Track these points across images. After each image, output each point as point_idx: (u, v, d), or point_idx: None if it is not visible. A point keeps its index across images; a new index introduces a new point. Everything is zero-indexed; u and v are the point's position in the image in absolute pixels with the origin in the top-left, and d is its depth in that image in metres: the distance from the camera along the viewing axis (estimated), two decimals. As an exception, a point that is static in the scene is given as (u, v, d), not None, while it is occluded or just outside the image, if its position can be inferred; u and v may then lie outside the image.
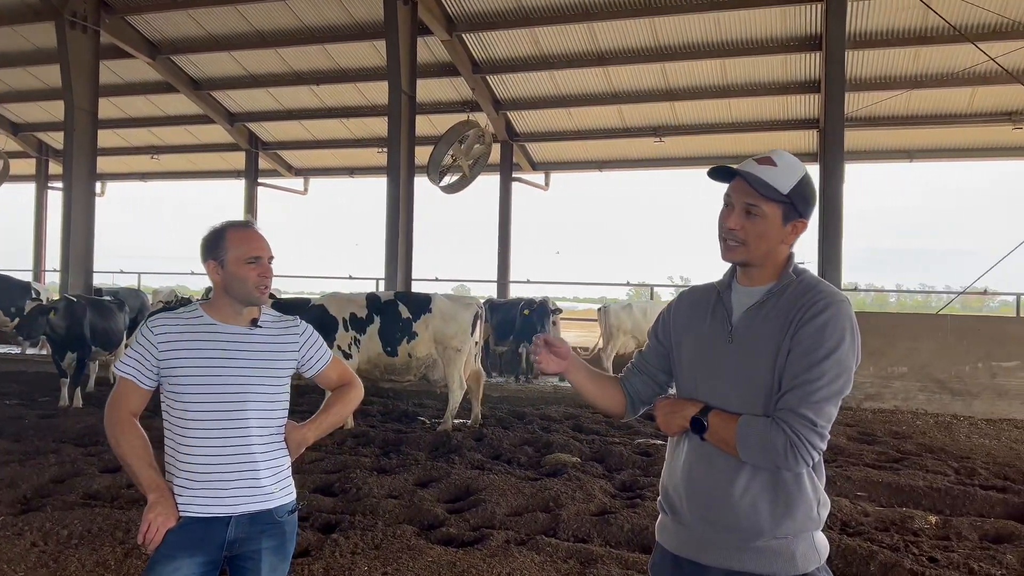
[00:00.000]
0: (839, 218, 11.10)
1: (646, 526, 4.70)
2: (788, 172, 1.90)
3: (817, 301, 1.84)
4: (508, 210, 17.87)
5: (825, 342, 1.79)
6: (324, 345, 2.61)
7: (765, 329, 1.88)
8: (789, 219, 1.92)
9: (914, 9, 11.64)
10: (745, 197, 1.90)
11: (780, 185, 1.89)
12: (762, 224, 1.90)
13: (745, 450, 1.82)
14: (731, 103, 15.11)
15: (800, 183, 1.91)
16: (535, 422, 8.41)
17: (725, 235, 1.95)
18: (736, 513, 1.87)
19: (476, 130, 13.81)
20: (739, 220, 1.92)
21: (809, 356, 1.79)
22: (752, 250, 1.93)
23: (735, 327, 1.93)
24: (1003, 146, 15.40)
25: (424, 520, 4.98)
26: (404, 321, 8.15)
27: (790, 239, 1.95)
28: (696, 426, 1.90)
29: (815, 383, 1.78)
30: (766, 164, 1.90)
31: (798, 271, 1.95)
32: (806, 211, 1.94)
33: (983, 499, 5.60)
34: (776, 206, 1.90)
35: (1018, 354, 9.66)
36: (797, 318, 1.84)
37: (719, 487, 1.90)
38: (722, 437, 1.85)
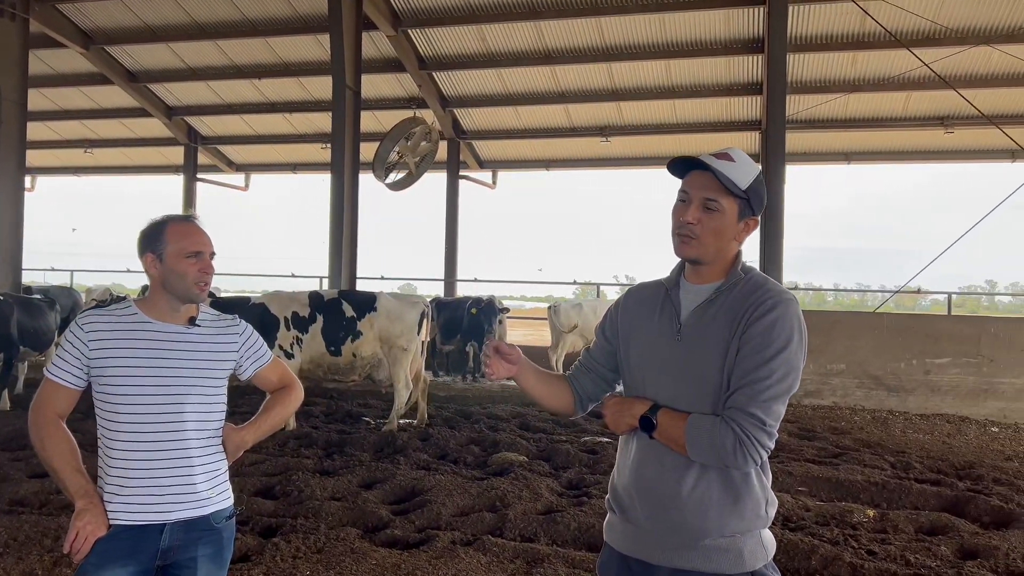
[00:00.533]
0: (780, 218, 11.34)
1: (593, 524, 4.70)
2: (746, 168, 1.90)
3: (765, 300, 1.83)
4: (455, 208, 17.78)
5: (774, 341, 1.79)
6: (264, 345, 2.52)
7: (713, 327, 1.87)
8: (743, 216, 1.91)
9: (852, 15, 11.93)
10: (704, 191, 1.89)
11: (740, 180, 1.88)
12: (719, 219, 1.89)
13: (694, 449, 1.81)
14: (676, 104, 15.29)
15: (756, 180, 1.91)
16: (482, 421, 8.36)
17: (680, 229, 1.92)
18: (684, 512, 1.86)
19: (423, 127, 13.69)
20: (697, 214, 1.90)
21: (758, 355, 1.79)
22: (706, 245, 1.91)
23: (683, 325, 1.92)
24: (936, 149, 15.90)
25: (368, 522, 4.90)
26: (348, 320, 8.02)
27: (742, 236, 1.94)
28: (645, 424, 1.88)
29: (764, 382, 1.77)
30: (724, 159, 1.89)
31: (746, 269, 1.94)
32: (759, 209, 1.94)
33: (918, 492, 5.75)
34: (734, 201, 1.89)
35: (949, 351, 9.98)
36: (746, 317, 1.83)
37: (668, 486, 1.88)
38: (671, 436, 1.84)
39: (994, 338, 9.86)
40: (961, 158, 16.40)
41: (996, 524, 5.13)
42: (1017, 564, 4.33)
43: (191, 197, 19.13)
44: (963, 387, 9.87)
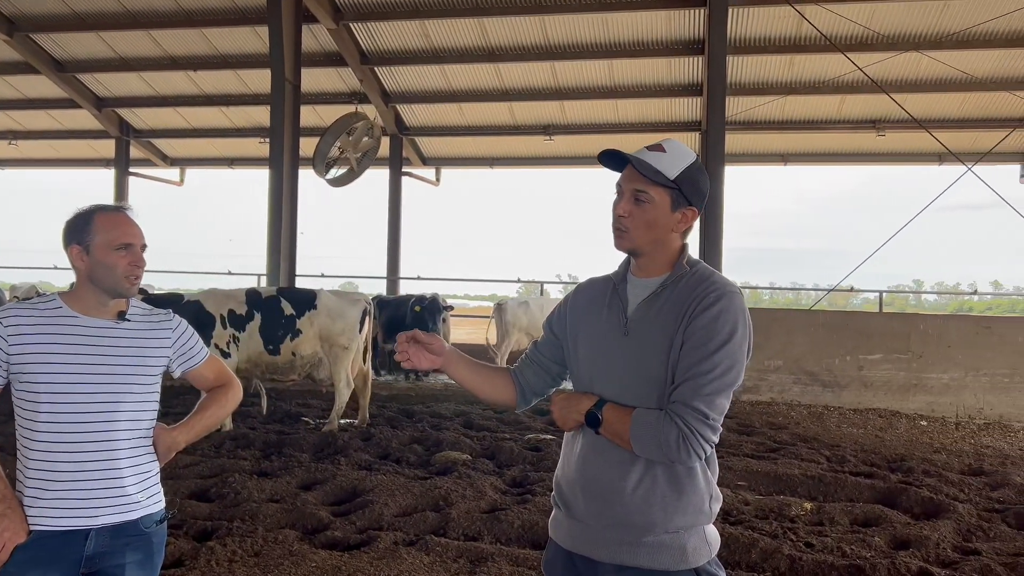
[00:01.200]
0: (720, 219, 11.51)
1: (537, 522, 4.68)
2: (676, 158, 1.89)
3: (709, 292, 1.83)
4: (398, 205, 17.62)
5: (717, 334, 1.78)
6: (200, 342, 2.43)
7: (659, 322, 1.86)
8: (678, 206, 1.90)
9: (789, 18, 12.19)
10: (633, 183, 1.89)
11: (667, 170, 1.87)
12: (650, 211, 1.88)
13: (638, 444, 1.79)
14: (618, 104, 15.42)
15: (688, 170, 1.89)
16: (425, 420, 8.29)
17: (615, 223, 1.93)
18: (628, 508, 1.85)
19: (365, 122, 13.50)
20: (628, 206, 1.90)
21: (701, 348, 1.78)
22: (639, 237, 1.90)
23: (630, 320, 1.91)
24: (868, 152, 16.39)
25: (308, 524, 4.80)
26: (287, 318, 7.84)
27: (680, 227, 1.93)
28: (590, 420, 1.86)
29: (707, 375, 1.76)
30: (656, 150, 1.89)
31: (692, 262, 1.93)
32: (695, 199, 1.92)
33: (853, 485, 5.88)
34: (664, 192, 1.88)
35: (881, 347, 10.27)
36: (690, 310, 1.82)
37: (612, 482, 1.87)
38: (616, 431, 1.82)
39: (923, 335, 10.19)
40: (892, 161, 16.95)
41: (926, 515, 5.28)
42: (947, 553, 4.46)
43: (123, 192, 18.52)
44: (894, 382, 10.18)
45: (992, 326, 10.30)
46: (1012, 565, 4.21)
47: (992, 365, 9.93)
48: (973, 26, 11.99)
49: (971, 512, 5.21)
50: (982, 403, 9.87)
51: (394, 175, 17.46)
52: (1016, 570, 4.16)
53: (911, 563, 4.17)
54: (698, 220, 1.98)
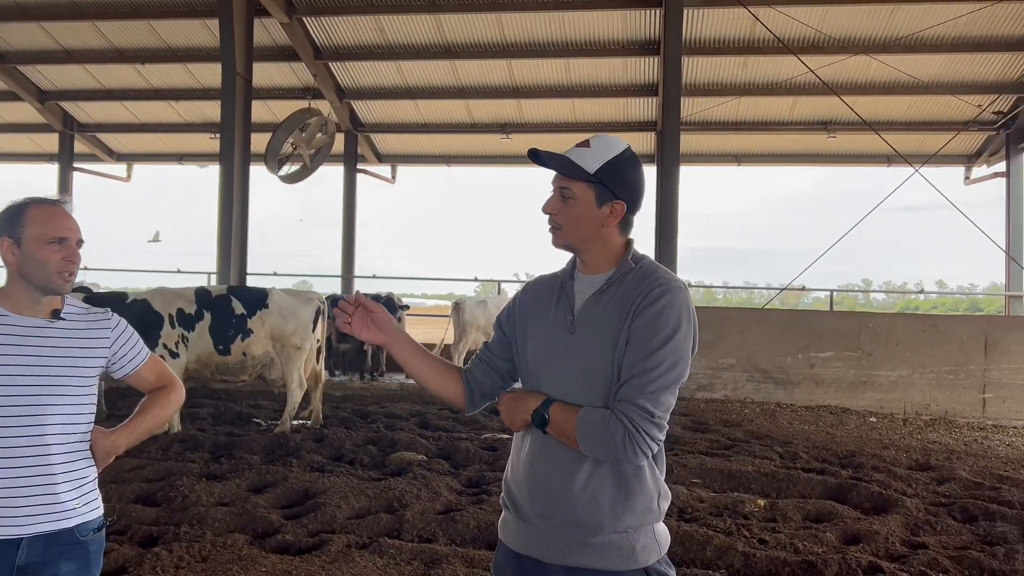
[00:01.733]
0: (675, 218, 11.60)
1: (492, 522, 4.64)
2: (599, 152, 1.86)
3: (653, 288, 1.81)
4: (353, 203, 17.42)
5: (661, 330, 1.76)
6: (140, 342, 2.33)
7: (605, 319, 1.84)
8: (604, 200, 1.87)
9: (743, 20, 12.33)
10: (559, 180, 1.89)
11: (588, 165, 1.85)
12: (575, 207, 1.87)
13: (585, 443, 1.76)
14: (575, 103, 15.44)
15: (611, 163, 1.86)
16: (380, 420, 8.18)
17: (548, 220, 1.93)
18: (576, 508, 1.82)
19: (319, 118, 13.30)
20: (556, 204, 1.90)
21: (645, 345, 1.75)
22: (570, 234, 1.90)
23: (576, 317, 1.88)
24: (820, 153, 16.69)
25: (258, 528, 4.69)
26: (238, 317, 7.68)
27: (610, 222, 1.89)
28: (537, 420, 1.82)
29: (651, 372, 1.74)
30: (582, 146, 1.88)
31: (637, 258, 1.91)
32: (621, 192, 1.88)
33: (805, 481, 5.95)
34: (587, 187, 1.86)
35: (832, 345, 10.45)
36: (634, 305, 1.80)
37: (560, 482, 1.84)
38: (562, 430, 1.79)
39: (872, 333, 10.39)
40: (842, 162, 17.28)
41: (876, 510, 5.36)
42: (895, 547, 4.53)
43: (66, 188, 17.99)
44: (844, 380, 10.36)
45: (938, 324, 10.54)
46: (958, 559, 4.29)
47: (938, 363, 10.16)
48: (920, 31, 12.26)
49: (919, 506, 5.31)
50: (928, 399, 10.11)
51: (349, 172, 17.26)
52: (962, 563, 4.24)
53: (861, 558, 4.22)
54: (636, 214, 1.94)
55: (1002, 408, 9.92)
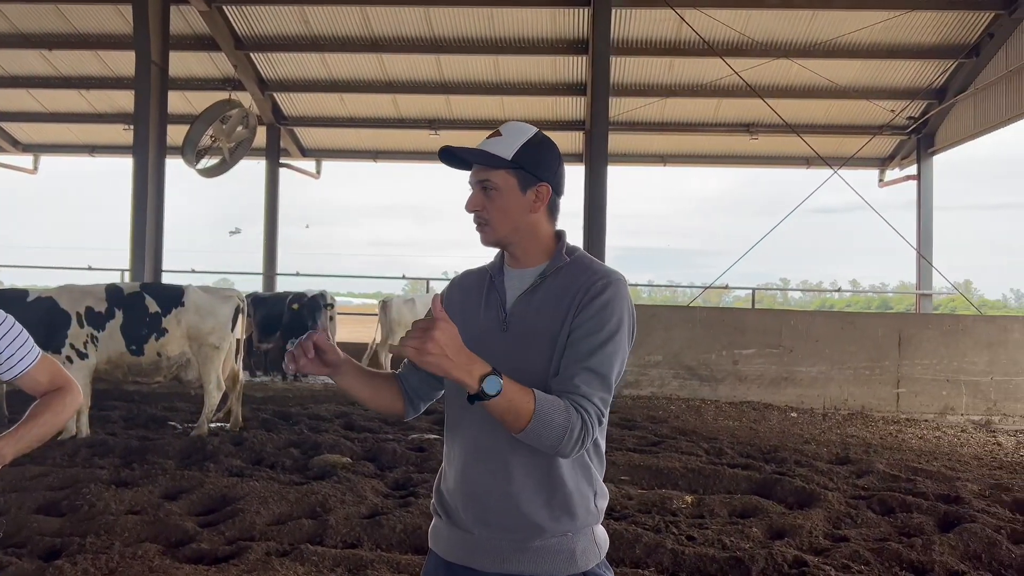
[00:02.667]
0: (603, 218, 11.65)
1: (419, 525, 4.52)
2: (513, 138, 1.81)
3: (596, 281, 1.75)
4: (275, 198, 16.98)
5: (606, 324, 1.71)
6: (30, 341, 2.13)
7: (541, 316, 1.77)
8: (527, 185, 1.81)
9: (670, 21, 12.48)
10: (478, 175, 1.82)
11: (503, 151, 1.78)
12: (499, 197, 1.80)
13: (543, 426, 1.59)
14: (504, 100, 15.39)
15: (526, 145, 1.80)
16: (303, 422, 7.93)
17: (473, 220, 1.85)
18: (512, 512, 1.74)
19: (240, 110, 12.89)
20: (479, 199, 1.82)
21: (591, 339, 1.70)
22: (498, 227, 1.82)
23: (509, 314, 1.80)
24: (742, 154, 17.08)
25: (171, 536, 4.45)
26: (152, 316, 7.33)
27: (537, 207, 1.82)
28: (491, 385, 1.56)
29: (601, 368, 1.69)
30: (494, 137, 1.82)
31: (571, 251, 1.85)
32: (543, 173, 1.82)
33: (730, 477, 6.01)
34: (507, 174, 1.79)
35: (754, 342, 10.66)
36: (577, 299, 1.74)
37: (495, 485, 1.76)
38: (514, 406, 1.58)
39: (793, 330, 10.64)
40: (764, 163, 17.73)
41: (800, 504, 5.45)
42: (819, 541, 4.59)
43: (-33, 179, 17.02)
44: (767, 376, 10.58)
45: (855, 322, 10.88)
46: (878, 550, 4.37)
47: (855, 359, 10.48)
48: (839, 36, 12.65)
49: (840, 500, 5.41)
50: (846, 394, 10.41)
51: (271, 166, 16.82)
52: (882, 555, 4.32)
53: (787, 552, 4.27)
54: (561, 198, 1.88)
55: (914, 402, 10.30)
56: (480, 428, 1.77)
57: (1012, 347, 10.26)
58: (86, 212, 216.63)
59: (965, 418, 10.09)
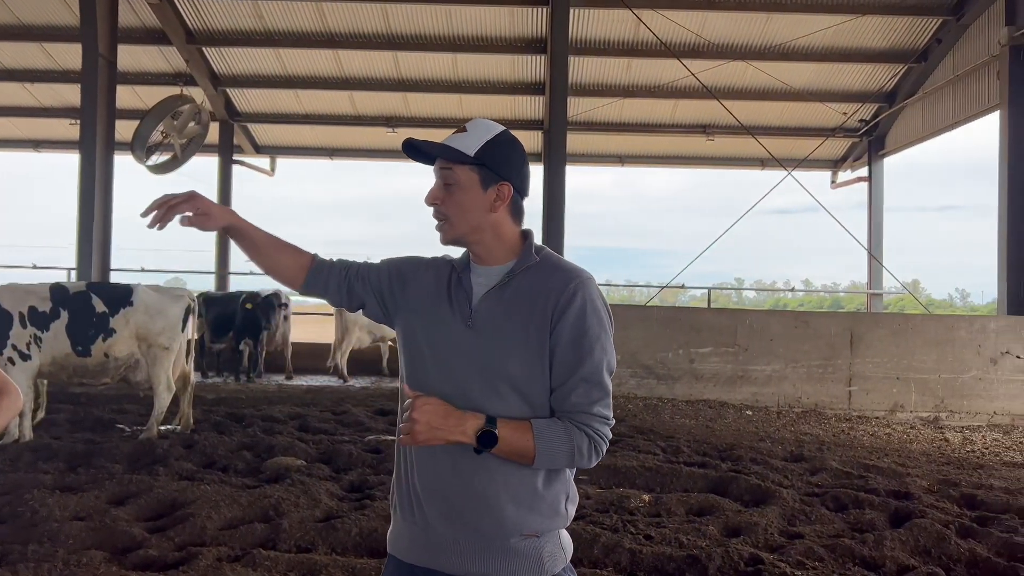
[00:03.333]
0: (561, 217, 11.68)
1: (375, 528, 4.45)
2: (477, 135, 1.78)
3: (567, 284, 1.74)
4: (228, 195, 16.72)
5: (588, 329, 1.72)
6: None
7: (511, 318, 1.73)
8: (489, 183, 1.77)
9: (628, 22, 12.55)
10: (440, 167, 1.79)
11: (467, 147, 1.76)
12: (459, 193, 1.77)
13: (548, 457, 1.68)
14: (462, 99, 15.34)
15: (491, 143, 1.77)
16: (256, 424, 7.78)
17: (432, 214, 1.82)
18: (478, 509, 1.71)
19: (192, 106, 12.61)
20: (438, 192, 1.79)
21: (578, 348, 1.71)
22: (458, 224, 1.79)
23: (475, 311, 1.76)
24: (699, 155, 17.27)
25: (118, 543, 4.31)
26: (99, 316, 7.12)
27: (497, 206, 1.79)
28: (485, 440, 1.63)
29: (594, 376, 1.72)
30: (458, 132, 1.80)
31: (538, 249, 1.82)
32: (506, 172, 1.79)
33: (687, 475, 6.04)
34: (468, 170, 1.76)
35: (711, 341, 10.76)
36: (551, 304, 1.72)
37: (460, 481, 1.72)
38: (516, 448, 1.66)
39: (749, 329, 10.76)
40: (720, 165, 17.95)
41: (755, 501, 5.49)
42: (774, 538, 4.63)
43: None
44: (722, 374, 10.69)
45: (808, 321, 11.04)
46: (832, 547, 4.43)
47: (808, 357, 10.64)
48: (793, 39, 12.85)
49: (794, 497, 5.46)
50: (800, 392, 10.57)
51: (224, 163, 16.54)
52: (835, 551, 4.37)
53: (743, 550, 4.29)
54: (525, 199, 1.86)
55: (866, 400, 10.49)
56: None
57: (958, 346, 10.52)
58: (31, 209, 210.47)
59: (914, 415, 10.31)
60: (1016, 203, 10.92)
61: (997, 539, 4.53)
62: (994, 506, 5.39)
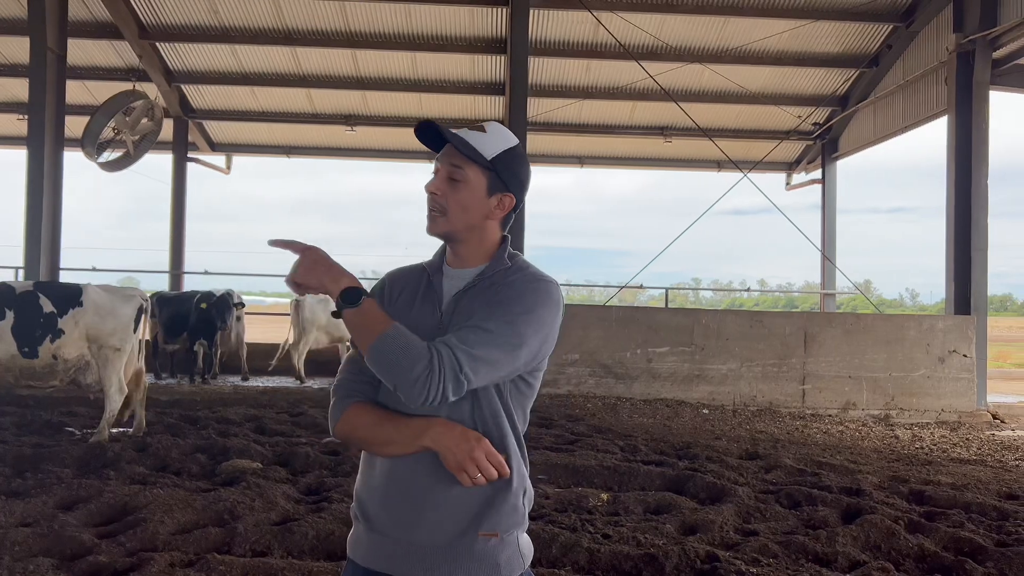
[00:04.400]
0: (522, 216, 11.69)
1: (333, 531, 4.40)
2: (497, 139, 1.77)
3: (514, 278, 1.75)
4: (183, 194, 16.39)
5: (515, 302, 1.67)
6: None
7: (476, 312, 1.71)
8: (495, 190, 1.77)
9: (587, 24, 12.62)
10: (452, 159, 1.75)
11: (485, 150, 1.75)
12: (465, 191, 1.75)
13: (385, 350, 1.60)
14: (422, 98, 15.28)
15: (508, 153, 1.78)
16: (211, 426, 7.65)
17: (429, 202, 1.78)
18: (439, 517, 1.69)
19: (144, 102, 12.37)
20: (442, 184, 1.76)
21: (492, 309, 1.66)
22: (453, 220, 1.76)
23: (444, 314, 1.75)
24: (657, 157, 17.43)
25: (67, 550, 4.20)
26: (47, 316, 6.94)
27: (496, 214, 1.79)
28: (350, 296, 1.64)
29: (488, 325, 1.63)
30: (476, 130, 1.77)
31: (512, 255, 1.81)
32: (513, 184, 1.80)
33: (645, 474, 6.09)
34: (480, 172, 1.75)
35: (668, 340, 10.88)
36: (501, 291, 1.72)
37: (421, 489, 1.70)
38: (370, 322, 1.63)
39: (705, 329, 10.90)
40: (677, 166, 18.15)
41: (711, 499, 5.56)
42: (730, 536, 4.69)
43: None
44: (679, 373, 10.81)
45: (763, 320, 11.22)
46: (786, 543, 4.50)
47: (763, 356, 10.82)
48: (749, 43, 13.04)
49: (749, 495, 5.55)
50: (755, 391, 10.74)
51: (178, 161, 16.24)
52: (789, 547, 4.45)
53: (699, 548, 4.34)
54: (516, 212, 1.85)
55: (819, 398, 10.70)
56: None
57: (908, 345, 10.78)
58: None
59: (866, 413, 10.55)
60: (962, 206, 11.21)
61: (944, 533, 4.64)
62: (941, 501, 5.54)
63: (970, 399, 10.67)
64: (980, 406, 10.77)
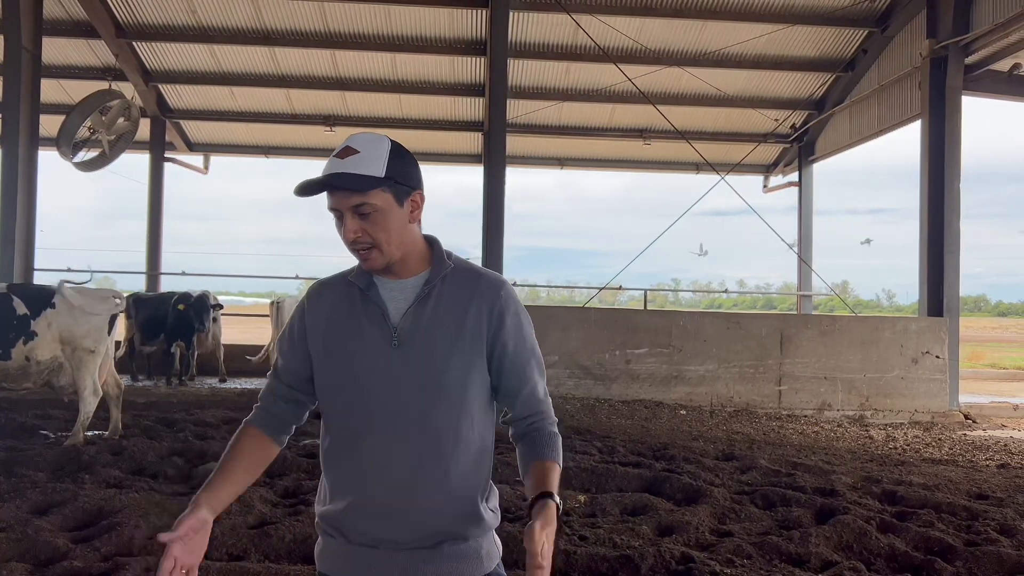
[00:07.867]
0: (501, 217, 11.71)
1: (310, 534, 4.40)
2: (373, 151, 1.69)
3: (498, 291, 1.77)
4: (159, 194, 16.26)
5: (525, 331, 1.82)
6: None
7: (439, 321, 1.71)
8: (403, 197, 1.72)
9: (566, 26, 12.66)
10: (348, 200, 1.67)
11: (373, 169, 1.67)
12: (381, 218, 1.69)
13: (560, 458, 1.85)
14: (402, 99, 15.25)
15: (392, 156, 1.70)
16: (188, 429, 7.60)
17: (354, 247, 1.72)
18: (422, 524, 1.70)
19: (121, 101, 12.26)
20: (356, 225, 1.68)
21: (523, 350, 1.81)
22: (389, 249, 1.71)
23: (399, 328, 1.71)
24: (636, 159, 17.51)
25: (41, 554, 4.16)
26: (19, 318, 6.86)
27: (415, 216, 1.76)
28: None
29: (541, 365, 1.86)
30: (349, 155, 1.68)
31: (448, 255, 1.81)
32: (413, 180, 1.74)
33: (622, 475, 6.13)
34: (382, 191, 1.68)
35: (647, 342, 10.94)
36: (487, 311, 1.74)
37: (404, 497, 1.70)
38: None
39: (683, 330, 10.98)
40: (656, 168, 18.24)
41: (687, 500, 5.60)
42: (705, 536, 4.74)
43: None
44: (657, 375, 10.88)
45: (740, 322, 11.31)
46: (760, 544, 4.55)
47: (740, 357, 10.91)
48: (727, 47, 13.14)
49: (725, 496, 5.60)
50: (732, 392, 10.82)
51: (155, 161, 16.11)
52: (763, 548, 4.50)
53: (674, 549, 4.38)
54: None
55: (795, 399, 10.81)
56: (389, 439, 1.70)
57: (883, 346, 10.91)
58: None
59: (840, 413, 10.67)
60: (935, 210, 11.37)
61: (915, 533, 4.72)
62: (913, 501, 5.62)
63: (943, 400, 10.82)
64: (952, 407, 10.93)
